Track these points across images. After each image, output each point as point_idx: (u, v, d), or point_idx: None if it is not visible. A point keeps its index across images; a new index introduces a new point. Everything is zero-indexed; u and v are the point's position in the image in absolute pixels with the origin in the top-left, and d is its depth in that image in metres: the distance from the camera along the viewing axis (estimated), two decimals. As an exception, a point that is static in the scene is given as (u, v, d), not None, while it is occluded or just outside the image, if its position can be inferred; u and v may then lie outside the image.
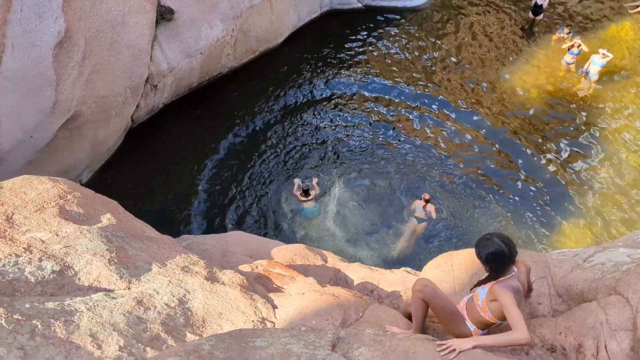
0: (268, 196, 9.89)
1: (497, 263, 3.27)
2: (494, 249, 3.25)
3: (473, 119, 11.62)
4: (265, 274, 4.58)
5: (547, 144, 11.11)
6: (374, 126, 11.41)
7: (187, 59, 10.31)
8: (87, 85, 8.12)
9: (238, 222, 9.38)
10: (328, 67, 12.78)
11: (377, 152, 10.78)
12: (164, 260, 3.92)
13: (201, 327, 3.42)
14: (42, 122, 7.67)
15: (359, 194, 9.99)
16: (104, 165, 9.67)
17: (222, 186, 9.92)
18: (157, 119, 10.58)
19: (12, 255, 3.18)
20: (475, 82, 12.63)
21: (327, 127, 11.33)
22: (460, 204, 9.84)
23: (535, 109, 11.95)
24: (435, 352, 2.98)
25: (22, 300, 2.86)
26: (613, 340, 3.02)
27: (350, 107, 11.84)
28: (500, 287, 3.23)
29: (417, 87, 12.34)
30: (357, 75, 12.64)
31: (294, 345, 2.93)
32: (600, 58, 12.30)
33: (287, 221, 9.50)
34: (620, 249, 3.98)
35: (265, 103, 11.66)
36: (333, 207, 9.77)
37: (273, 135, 11.00)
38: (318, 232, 9.32)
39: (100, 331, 2.87)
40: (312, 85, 12.28)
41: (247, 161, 10.41)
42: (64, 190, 4.01)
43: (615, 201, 9.89)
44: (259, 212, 9.63)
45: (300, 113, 11.59)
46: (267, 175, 10.23)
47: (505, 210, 9.73)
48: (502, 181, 10.30)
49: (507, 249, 3.24)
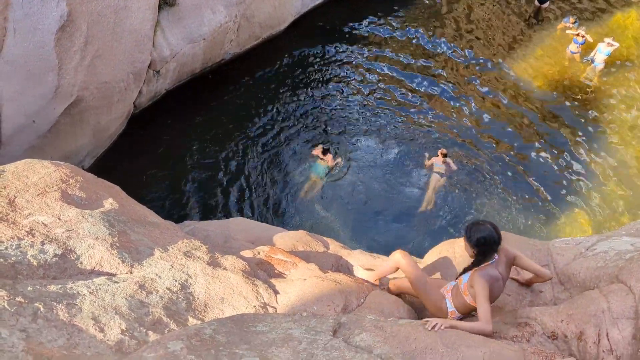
0: (271, 182, 9.89)
1: (485, 247, 3.46)
2: (485, 234, 3.44)
3: (475, 107, 11.56)
4: (267, 260, 4.59)
5: (550, 132, 11.06)
6: (374, 110, 11.39)
7: (189, 44, 10.25)
8: (90, 70, 8.08)
9: (240, 209, 9.39)
10: (332, 53, 12.70)
11: (382, 139, 10.75)
12: (166, 245, 3.92)
13: (203, 312, 3.44)
14: (44, 107, 7.65)
15: (364, 180, 10.02)
16: (107, 151, 9.65)
17: (224, 172, 9.91)
18: (159, 105, 10.54)
19: (14, 239, 3.18)
20: (478, 69, 12.54)
21: (331, 113, 11.28)
22: (462, 192, 9.82)
23: (539, 98, 11.88)
24: (436, 338, 2.98)
25: (24, 283, 2.86)
26: (615, 328, 3.02)
27: (355, 92, 11.78)
28: (479, 275, 3.43)
29: (421, 74, 12.27)
30: (361, 60, 12.56)
31: (296, 330, 2.94)
32: (606, 46, 12.20)
33: (290, 208, 9.51)
34: (623, 238, 3.97)
35: (269, 90, 11.60)
36: (341, 181, 10.04)
37: (276, 121, 10.97)
38: (321, 220, 9.33)
39: (103, 314, 2.88)
40: (315, 71, 12.21)
41: (251, 147, 10.39)
42: (66, 174, 4.01)
43: (619, 190, 9.87)
44: (261, 198, 9.64)
45: (304, 99, 11.54)
46: (270, 162, 10.22)
47: (508, 198, 9.72)
48: (504, 168, 10.27)
49: (496, 236, 3.45)
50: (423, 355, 2.85)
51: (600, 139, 10.92)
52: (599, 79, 12.33)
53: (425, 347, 2.89)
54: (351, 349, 2.78)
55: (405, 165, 10.31)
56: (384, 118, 11.24)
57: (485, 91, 11.98)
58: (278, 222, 9.10)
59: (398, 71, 12.34)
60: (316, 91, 11.77)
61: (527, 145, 10.78)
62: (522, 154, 10.59)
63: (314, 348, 2.72)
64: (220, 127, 10.65)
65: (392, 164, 10.36)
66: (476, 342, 2.94)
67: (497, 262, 3.54)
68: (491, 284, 3.43)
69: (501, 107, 11.56)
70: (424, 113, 11.40)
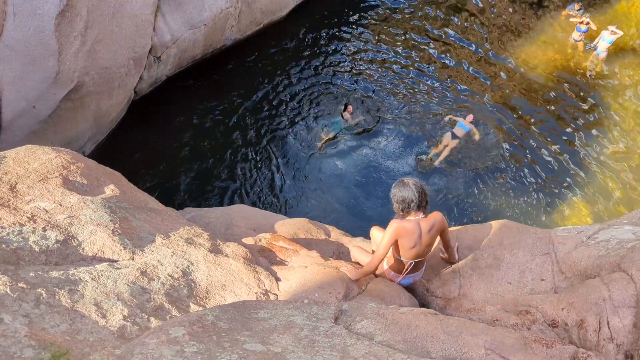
0: (272, 170, 9.88)
1: (402, 205, 3.70)
2: (404, 193, 3.68)
3: (477, 94, 11.50)
4: (268, 247, 4.59)
5: (553, 120, 11.01)
6: (377, 94, 11.34)
7: (190, 30, 10.18)
8: (90, 55, 8.03)
9: (241, 196, 9.38)
10: (334, 40, 12.61)
11: (384, 124, 10.72)
12: (168, 232, 3.92)
13: (205, 299, 3.44)
14: (45, 92, 7.62)
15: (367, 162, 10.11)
16: (107, 137, 9.63)
17: (225, 159, 9.90)
18: (160, 92, 10.50)
19: (16, 225, 3.18)
20: (481, 56, 12.46)
21: (331, 99, 11.22)
22: (464, 179, 9.80)
23: (542, 85, 11.81)
24: (438, 325, 2.99)
25: (26, 269, 2.87)
26: (616, 316, 3.03)
27: (358, 77, 11.71)
28: (392, 222, 3.72)
29: (425, 61, 12.19)
30: (364, 46, 12.47)
31: (297, 317, 2.94)
32: (610, 34, 12.08)
33: (293, 193, 9.52)
34: (625, 227, 3.96)
35: (269, 76, 11.54)
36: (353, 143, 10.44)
37: (277, 108, 10.92)
38: (323, 208, 9.33)
39: (105, 300, 2.89)
40: (316, 58, 12.13)
41: (251, 135, 10.36)
42: (67, 160, 3.99)
43: (621, 179, 9.85)
44: (262, 186, 9.63)
45: (304, 85, 11.48)
46: (270, 149, 10.20)
47: (509, 186, 9.71)
48: (506, 156, 10.24)
49: (416, 197, 3.66)
50: (424, 342, 2.87)
51: (602, 127, 10.88)
52: (602, 67, 12.24)
53: (427, 335, 2.91)
54: (352, 336, 2.79)
55: (404, 149, 10.35)
56: (390, 101, 11.20)
57: (486, 77, 11.91)
58: (279, 210, 9.10)
59: (397, 56, 12.26)
60: (320, 77, 11.70)
61: (527, 132, 10.74)
62: (522, 141, 10.55)
63: (316, 335, 2.73)
64: (222, 114, 10.62)
65: (392, 150, 10.36)
66: (478, 330, 2.95)
67: (423, 221, 3.74)
68: (399, 232, 3.69)
69: (502, 94, 11.50)
70: (427, 96, 11.34)
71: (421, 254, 3.87)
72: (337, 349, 2.61)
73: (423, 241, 3.78)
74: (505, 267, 3.96)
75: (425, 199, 3.72)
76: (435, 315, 3.15)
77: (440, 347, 2.84)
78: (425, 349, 2.82)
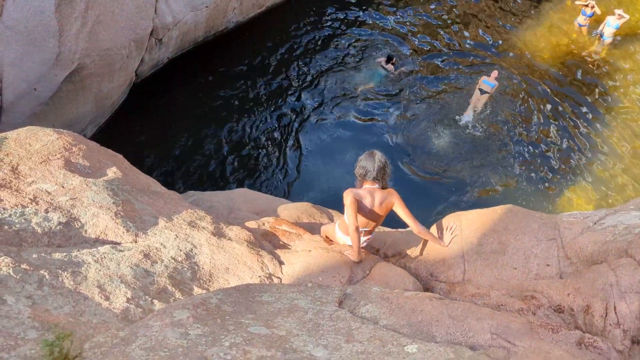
0: (276, 153, 9.82)
1: (362, 171, 3.95)
2: (367, 163, 3.93)
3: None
4: (271, 231, 4.57)
5: (558, 106, 10.91)
6: (381, 82, 11.24)
7: (192, 12, 10.05)
8: (91, 37, 7.94)
9: (244, 180, 9.35)
10: (338, 22, 12.45)
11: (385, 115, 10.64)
12: (171, 214, 3.90)
13: (208, 282, 3.43)
14: (46, 73, 7.54)
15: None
16: (108, 120, 9.57)
17: (227, 143, 9.84)
18: (161, 74, 10.40)
19: (18, 206, 3.15)
20: (485, 41, 12.32)
21: (336, 81, 11.12)
22: (471, 164, 9.74)
23: (546, 71, 11.69)
24: (443, 310, 2.98)
25: (29, 251, 2.84)
26: (622, 302, 3.00)
27: (362, 61, 11.59)
28: (349, 190, 3.94)
29: (426, 46, 12.06)
30: (368, 29, 12.33)
31: (301, 301, 2.93)
32: (616, 19, 11.90)
33: (296, 179, 9.46)
34: (632, 212, 3.93)
35: (272, 58, 11.42)
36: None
37: (281, 91, 10.83)
38: (326, 192, 9.28)
39: (108, 283, 2.87)
40: (320, 41, 11.99)
41: (253, 118, 10.28)
42: (69, 142, 3.96)
43: (626, 165, 9.80)
44: (265, 169, 9.58)
45: (308, 68, 11.37)
46: (273, 132, 10.13)
47: (515, 171, 9.65)
48: (512, 142, 10.17)
49: (374, 169, 3.90)
50: (429, 326, 2.85)
51: (608, 113, 10.79)
52: (607, 54, 12.10)
53: (432, 319, 2.89)
54: (357, 319, 2.77)
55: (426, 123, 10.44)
56: (387, 85, 11.10)
57: (491, 62, 11.78)
58: (282, 194, 9.07)
59: (400, 41, 12.13)
60: (325, 61, 11.52)
61: (533, 118, 10.65)
62: (528, 127, 10.47)
63: (320, 318, 2.72)
64: (224, 97, 10.53)
65: (406, 129, 10.35)
66: (483, 315, 2.93)
67: (377, 192, 3.95)
68: (355, 197, 3.89)
69: (507, 80, 11.39)
70: (432, 81, 11.24)
71: (371, 222, 4.06)
72: (341, 332, 2.59)
73: (374, 209, 3.98)
74: (511, 252, 3.93)
75: (384, 175, 3.96)
76: (440, 300, 3.13)
77: (446, 332, 2.82)
78: (431, 333, 2.81)
